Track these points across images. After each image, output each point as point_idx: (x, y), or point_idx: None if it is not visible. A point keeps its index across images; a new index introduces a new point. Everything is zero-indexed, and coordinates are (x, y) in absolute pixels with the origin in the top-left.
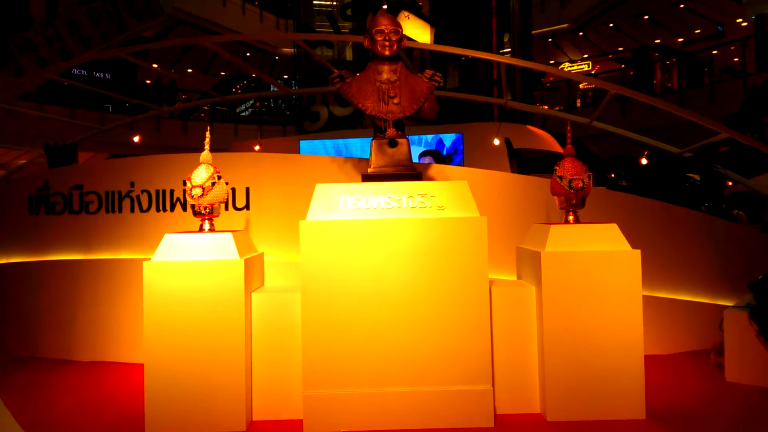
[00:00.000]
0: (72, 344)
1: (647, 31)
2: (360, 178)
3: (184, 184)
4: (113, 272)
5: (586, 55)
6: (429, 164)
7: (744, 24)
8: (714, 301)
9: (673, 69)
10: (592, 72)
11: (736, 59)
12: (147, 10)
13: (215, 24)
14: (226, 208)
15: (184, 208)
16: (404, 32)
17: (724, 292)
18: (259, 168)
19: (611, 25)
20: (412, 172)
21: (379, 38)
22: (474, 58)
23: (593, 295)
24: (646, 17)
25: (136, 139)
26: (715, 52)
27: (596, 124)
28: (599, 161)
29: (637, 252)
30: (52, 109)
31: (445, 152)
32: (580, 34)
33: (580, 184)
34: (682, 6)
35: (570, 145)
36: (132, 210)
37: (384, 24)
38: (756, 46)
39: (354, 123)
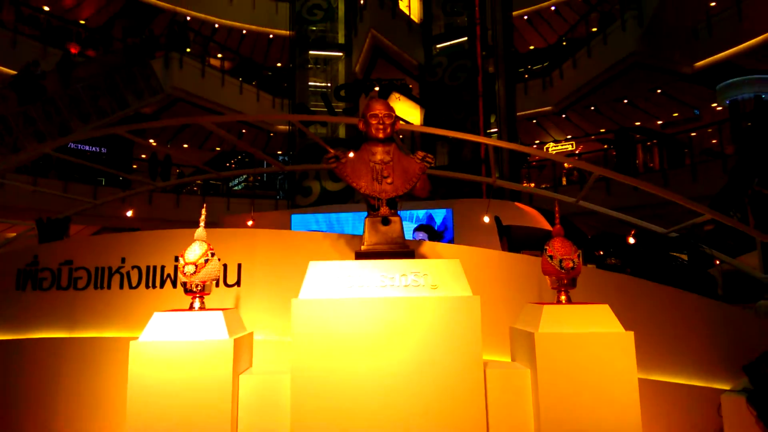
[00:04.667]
0: (52, 426)
1: (627, 114)
2: (353, 255)
3: (177, 260)
4: (98, 351)
5: (569, 136)
6: (421, 241)
7: (719, 108)
8: (710, 385)
9: (654, 150)
10: (576, 152)
11: (714, 141)
12: (147, 88)
13: (213, 102)
14: (217, 285)
15: (174, 285)
16: (395, 112)
17: (721, 375)
18: (251, 244)
19: (592, 108)
20: (405, 250)
21: (374, 122)
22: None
23: (589, 378)
24: (625, 101)
25: (129, 214)
26: (693, 134)
27: (582, 203)
28: (587, 239)
29: (630, 334)
30: (46, 182)
31: (436, 228)
32: (563, 116)
33: (571, 264)
34: (659, 91)
35: (559, 226)
36: (121, 286)
37: (378, 108)
38: (732, 129)
39: (346, 198)
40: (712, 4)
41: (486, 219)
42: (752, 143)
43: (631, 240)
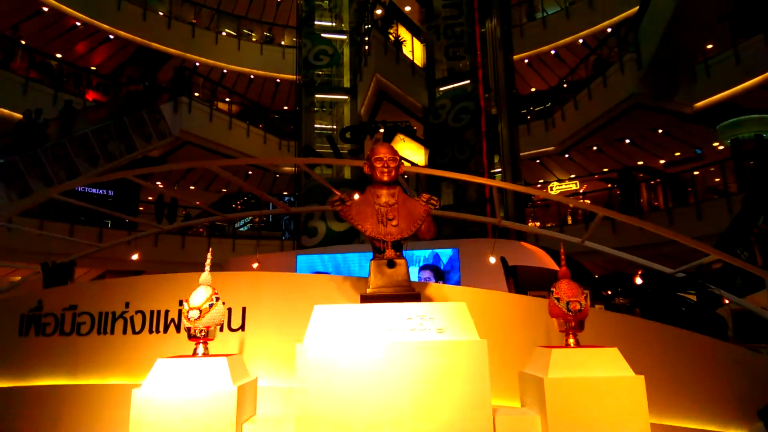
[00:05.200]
0: None
1: (629, 153)
2: (358, 297)
3: (181, 304)
4: (99, 398)
5: (573, 175)
6: (427, 283)
7: (721, 147)
8: (725, 430)
9: (658, 188)
10: (580, 191)
11: (717, 179)
12: (156, 132)
13: (220, 145)
14: (221, 329)
15: (178, 330)
16: (400, 153)
17: (735, 420)
18: (256, 287)
19: (595, 148)
20: (411, 293)
21: (378, 165)
22: None
23: (600, 423)
24: (627, 141)
25: (134, 257)
26: (696, 173)
27: (588, 243)
28: (594, 278)
29: (641, 378)
30: (52, 225)
31: (442, 267)
32: (566, 156)
33: (578, 307)
34: (660, 131)
35: (565, 267)
36: (124, 332)
37: (383, 152)
38: (735, 167)
39: (351, 238)
40: (709, 46)
41: (492, 259)
42: (756, 182)
43: (639, 280)
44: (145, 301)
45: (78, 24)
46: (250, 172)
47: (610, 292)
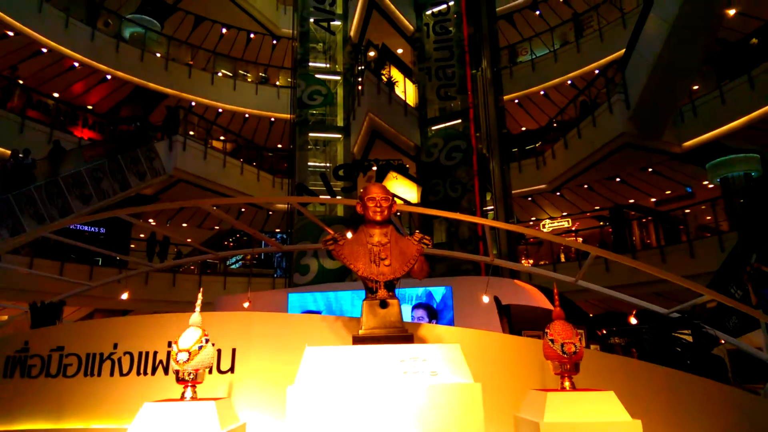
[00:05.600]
0: None
1: (620, 191)
2: (351, 338)
3: (170, 346)
4: None
5: (565, 213)
6: (420, 324)
7: (711, 186)
8: None
9: (650, 226)
10: (573, 228)
11: (708, 217)
12: (150, 170)
13: (214, 183)
14: (210, 371)
15: (166, 372)
16: (393, 191)
17: None
18: (246, 328)
19: (586, 186)
20: (404, 334)
21: (371, 205)
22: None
23: None
24: (617, 179)
25: (124, 296)
26: (687, 211)
27: (581, 282)
28: (589, 318)
29: (638, 422)
30: (42, 263)
31: (435, 306)
32: (558, 193)
33: (573, 348)
34: (650, 170)
35: (559, 308)
36: (111, 374)
37: (375, 192)
38: (725, 206)
39: (343, 276)
40: (695, 87)
41: (485, 298)
42: (747, 220)
43: (633, 320)
44: (134, 342)
45: (76, 65)
46: (243, 210)
47: (605, 332)
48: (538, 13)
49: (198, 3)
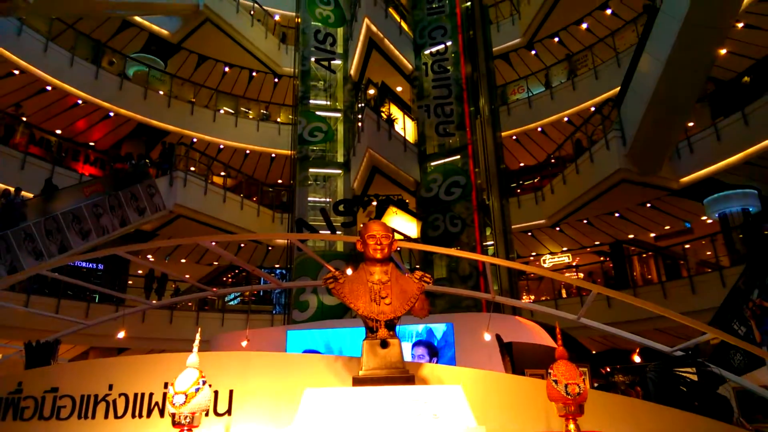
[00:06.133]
0: None
1: (620, 226)
2: (350, 379)
3: (166, 387)
4: None
5: (565, 248)
6: (421, 363)
7: (709, 221)
8: None
9: (650, 261)
10: (573, 263)
11: (708, 252)
12: (150, 205)
13: (214, 218)
14: (207, 414)
15: (162, 414)
16: (393, 225)
17: None
18: (244, 368)
19: (585, 221)
20: (405, 375)
21: (372, 242)
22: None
23: None
24: (617, 215)
25: (121, 335)
26: (687, 246)
27: (583, 320)
28: (591, 355)
29: None
30: (38, 299)
31: (436, 343)
32: (557, 228)
33: (577, 390)
34: (648, 205)
35: (562, 347)
36: (106, 416)
37: (376, 229)
38: (725, 241)
39: (343, 312)
40: (690, 124)
41: (487, 336)
42: (749, 255)
43: (637, 358)
44: (130, 384)
45: (80, 102)
46: (242, 245)
47: (609, 369)
48: (533, 52)
49: (201, 43)
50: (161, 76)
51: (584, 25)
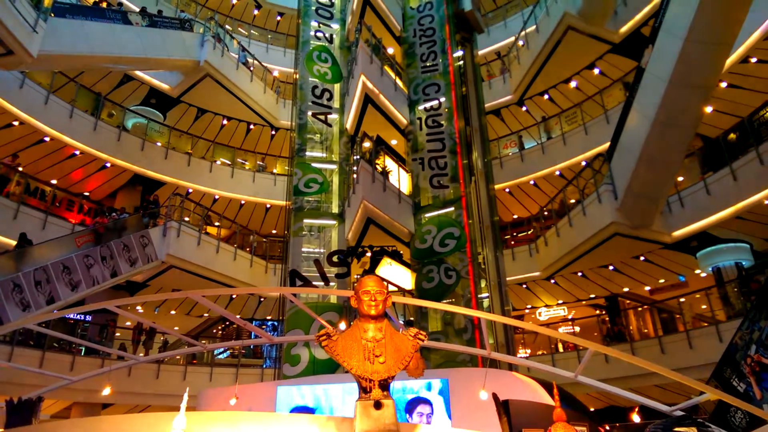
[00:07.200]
0: None
1: (614, 279)
2: None
3: None
4: None
5: (560, 301)
6: (415, 426)
7: (703, 275)
8: None
9: (646, 314)
10: (569, 316)
11: (704, 306)
12: (142, 256)
13: (206, 269)
14: None
15: None
16: (387, 276)
17: None
18: (233, 429)
19: (579, 273)
20: None
21: (366, 298)
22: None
23: None
24: (611, 267)
25: (106, 391)
26: (682, 299)
27: (581, 378)
28: (590, 412)
29: None
30: (23, 352)
31: (430, 401)
32: (552, 281)
33: None
34: (642, 258)
35: (560, 408)
36: None
37: (371, 285)
38: (720, 295)
39: (335, 367)
40: (680, 179)
41: (483, 394)
42: (744, 310)
43: (636, 417)
44: None
45: (77, 152)
46: (234, 296)
47: (608, 428)
48: (524, 108)
49: (201, 97)
50: (160, 128)
51: (573, 84)
